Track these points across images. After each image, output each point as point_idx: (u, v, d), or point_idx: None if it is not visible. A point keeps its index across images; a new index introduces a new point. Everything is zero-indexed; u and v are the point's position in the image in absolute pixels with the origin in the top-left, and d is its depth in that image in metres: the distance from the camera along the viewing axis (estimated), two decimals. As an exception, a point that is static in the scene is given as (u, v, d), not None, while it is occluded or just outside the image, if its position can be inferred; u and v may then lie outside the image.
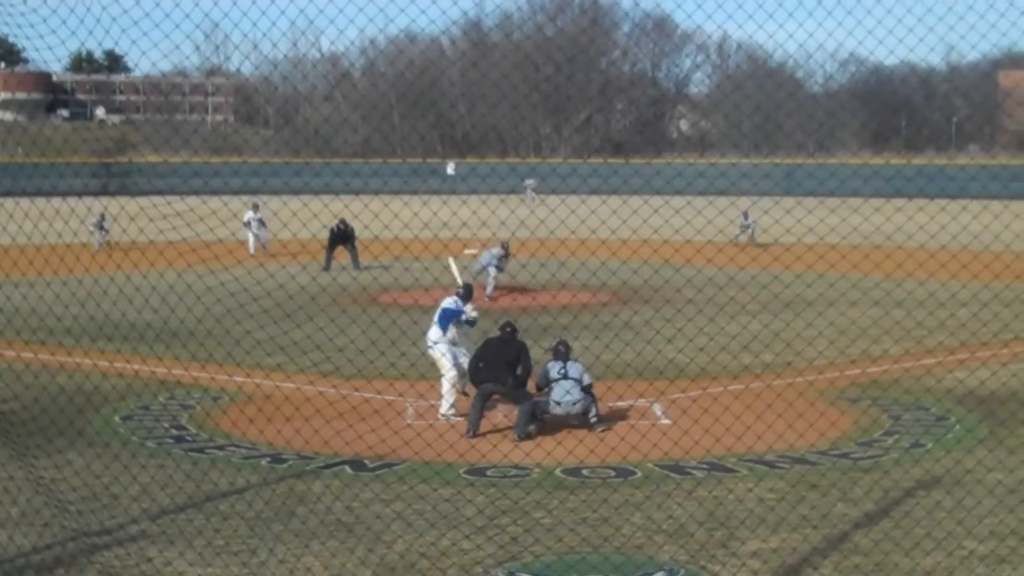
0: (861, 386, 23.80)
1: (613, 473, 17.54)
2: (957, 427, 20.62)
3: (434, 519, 15.14)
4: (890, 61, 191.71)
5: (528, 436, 19.61)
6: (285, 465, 17.88)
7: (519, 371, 20.03)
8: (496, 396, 20.38)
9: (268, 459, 18.19)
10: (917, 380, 24.18)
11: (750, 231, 53.53)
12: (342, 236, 44.19)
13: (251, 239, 46.73)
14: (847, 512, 15.64)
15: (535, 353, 20.99)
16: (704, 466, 17.96)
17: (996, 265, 25.41)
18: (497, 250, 36.62)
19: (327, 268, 42.60)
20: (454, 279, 24.10)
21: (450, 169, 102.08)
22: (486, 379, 20.03)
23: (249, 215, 47.26)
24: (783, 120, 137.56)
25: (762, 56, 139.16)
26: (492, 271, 36.47)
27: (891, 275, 33.61)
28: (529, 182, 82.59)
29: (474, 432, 19.75)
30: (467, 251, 43.65)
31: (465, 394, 21.23)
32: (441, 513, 15.42)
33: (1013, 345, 27.54)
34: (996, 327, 27.32)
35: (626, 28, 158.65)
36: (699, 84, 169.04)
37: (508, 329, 20.60)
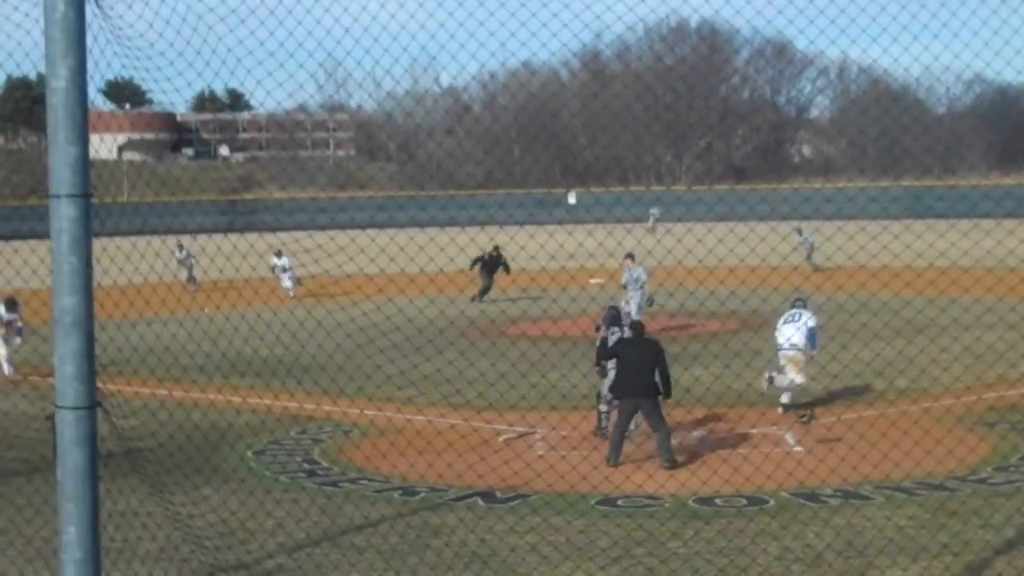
0: (999, 411, 23.36)
1: (745, 502, 17.35)
2: (1099, 449, 20.19)
3: (568, 551, 15.07)
4: (1016, 79, 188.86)
5: (676, 462, 19.41)
6: (418, 498, 17.91)
7: (658, 379, 19.56)
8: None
9: (400, 492, 18.22)
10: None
11: (807, 248, 49.51)
12: (493, 263, 43.65)
13: (287, 282, 43.68)
14: (988, 539, 15.32)
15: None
16: (839, 494, 17.71)
17: None
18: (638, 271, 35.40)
19: (481, 296, 41.31)
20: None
21: (572, 199, 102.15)
22: (628, 392, 19.66)
23: (275, 261, 43.23)
24: (908, 142, 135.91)
25: (884, 78, 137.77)
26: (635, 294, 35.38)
27: (1018, 295, 32.98)
28: (653, 211, 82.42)
29: (616, 461, 19.55)
30: (592, 280, 43.58)
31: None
32: (575, 545, 15.34)
33: None
34: None
35: (745, 54, 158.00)
36: (820, 108, 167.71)
37: (638, 328, 20.34)
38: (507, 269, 43.14)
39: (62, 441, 7.88)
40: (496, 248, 43.40)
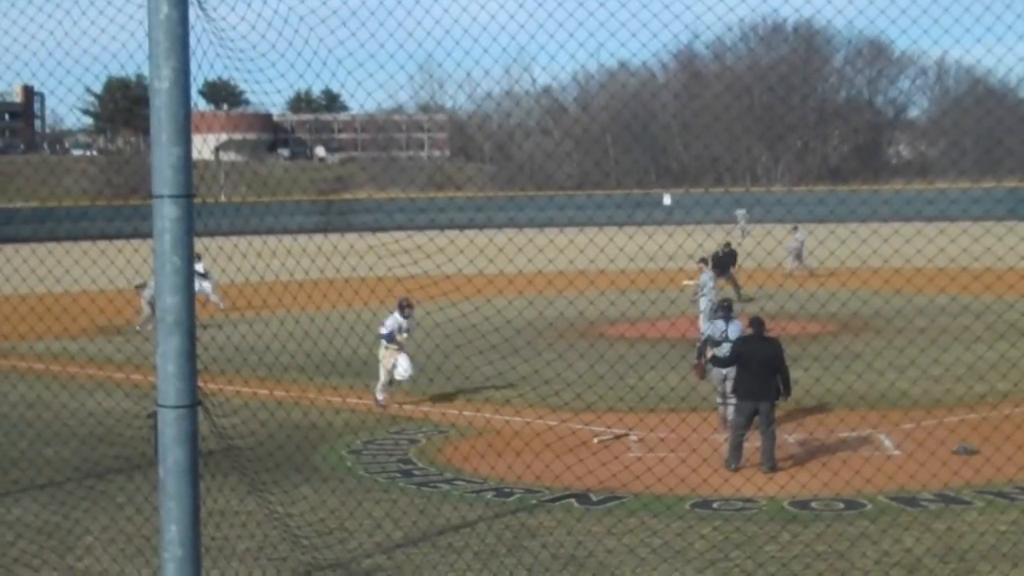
0: (1104, 415, 22.99)
1: (842, 506, 17.19)
2: None
3: (665, 553, 15.00)
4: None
5: (776, 467, 19.25)
6: (513, 499, 17.90)
7: (779, 381, 19.37)
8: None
9: (495, 493, 18.23)
10: None
11: (795, 249, 45.21)
12: (728, 260, 41.70)
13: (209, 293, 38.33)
14: (1095, 545, 15.09)
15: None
16: (938, 499, 17.50)
17: None
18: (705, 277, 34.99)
19: (739, 296, 40.19)
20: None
21: (667, 199, 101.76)
22: (749, 393, 19.43)
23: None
24: (1011, 143, 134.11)
25: (986, 78, 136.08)
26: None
27: None
28: (740, 212, 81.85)
29: (737, 464, 19.40)
30: (687, 282, 43.40)
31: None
32: (671, 547, 15.27)
33: None
34: None
35: (843, 54, 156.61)
36: (920, 108, 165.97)
37: (759, 326, 20.08)
38: (734, 262, 42.11)
39: (163, 439, 7.94)
40: (728, 245, 42.69)
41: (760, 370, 19.25)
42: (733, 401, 21.32)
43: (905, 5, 13.51)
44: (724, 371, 21.46)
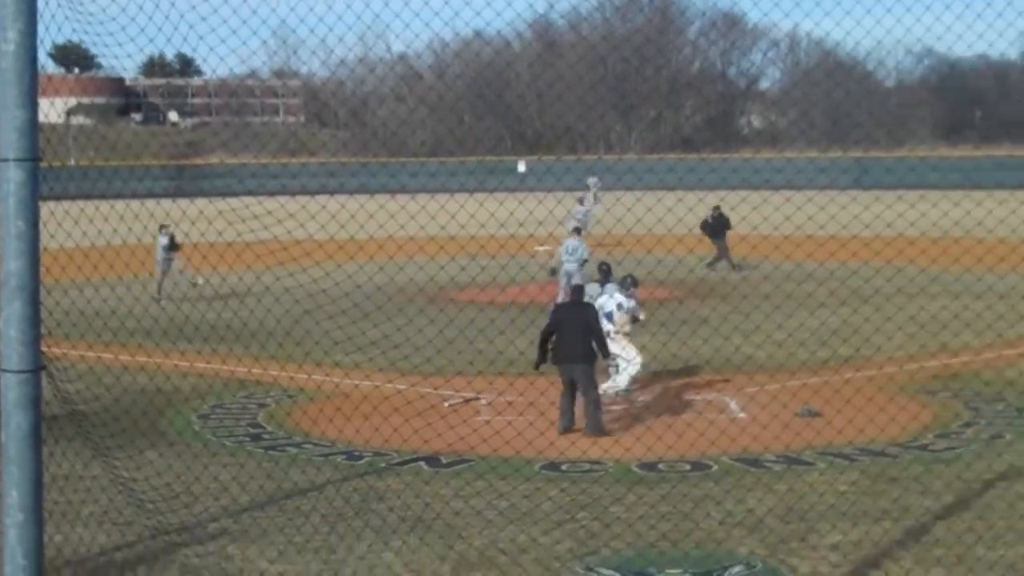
0: (941, 379, 23.63)
1: (689, 467, 17.53)
2: (1037, 416, 20.51)
3: (511, 515, 15.17)
4: (966, 53, 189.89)
5: (602, 431, 19.51)
6: (363, 462, 17.99)
7: (593, 343, 19.63)
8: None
9: (344, 456, 18.30)
10: (998, 373, 23.97)
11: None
12: (719, 225, 40.93)
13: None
14: (928, 505, 15.53)
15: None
16: (781, 460, 17.93)
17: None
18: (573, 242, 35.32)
19: (728, 263, 40.25)
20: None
21: (521, 167, 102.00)
22: (565, 358, 19.63)
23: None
24: (857, 115, 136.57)
25: (835, 51, 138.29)
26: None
27: (971, 268, 33.15)
28: (592, 179, 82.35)
29: (565, 427, 19.65)
30: (539, 248, 43.65)
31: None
32: (518, 509, 15.44)
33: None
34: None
35: (696, 23, 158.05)
36: (771, 80, 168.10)
37: (579, 293, 20.60)
38: (728, 226, 41.74)
39: (5, 404, 7.89)
40: (717, 208, 42.46)
41: (573, 336, 19.49)
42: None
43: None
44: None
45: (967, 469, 17.23)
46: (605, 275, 23.63)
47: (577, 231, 35.19)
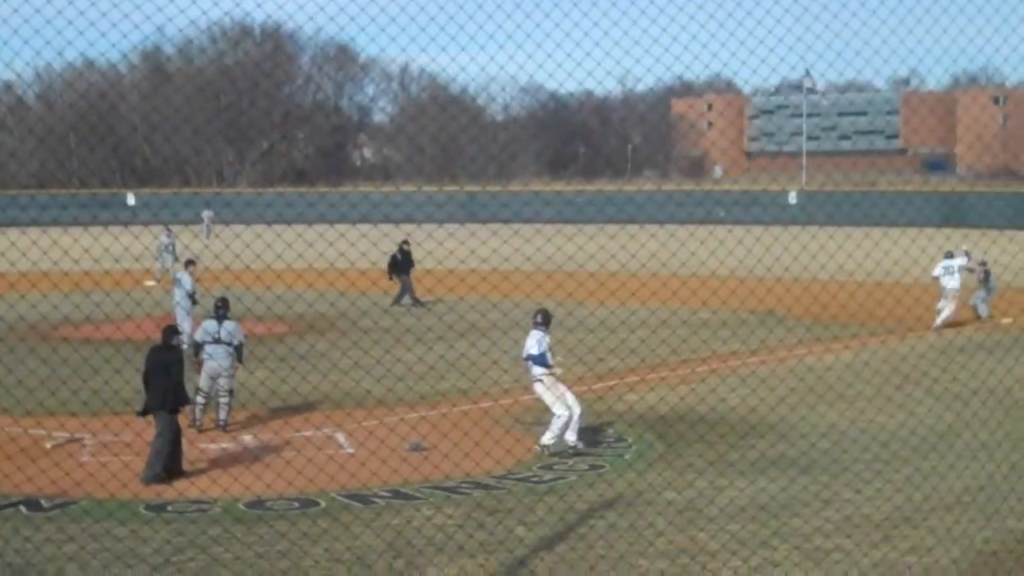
0: (541, 410, 24.27)
1: (297, 505, 17.55)
2: (633, 448, 21.38)
3: (109, 560, 14.83)
4: (568, 88, 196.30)
5: (155, 479, 18.75)
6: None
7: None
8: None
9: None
10: (595, 403, 24.74)
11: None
12: (406, 262, 40.62)
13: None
14: (525, 536, 16.03)
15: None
16: (391, 494, 18.15)
17: (666, 289, 26.26)
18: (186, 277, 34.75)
19: (412, 297, 40.04)
20: None
21: (131, 199, 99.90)
22: (153, 402, 19.10)
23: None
24: (465, 147, 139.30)
25: (444, 83, 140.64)
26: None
27: (583, 302, 34.07)
28: (207, 213, 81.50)
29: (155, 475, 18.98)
30: (148, 283, 43.01)
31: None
32: (116, 553, 15.11)
33: (682, 368, 28.67)
34: (666, 351, 28.30)
35: (308, 55, 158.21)
36: (382, 112, 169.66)
37: (167, 333, 19.86)
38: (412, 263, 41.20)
39: None
40: (406, 243, 41.55)
41: (157, 380, 19.12)
42: (202, 401, 21.72)
43: (374, 13, 13.93)
44: (213, 370, 22.24)
45: (564, 499, 17.81)
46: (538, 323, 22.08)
47: (189, 263, 34.43)
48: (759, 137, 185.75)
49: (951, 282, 35.98)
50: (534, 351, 21.30)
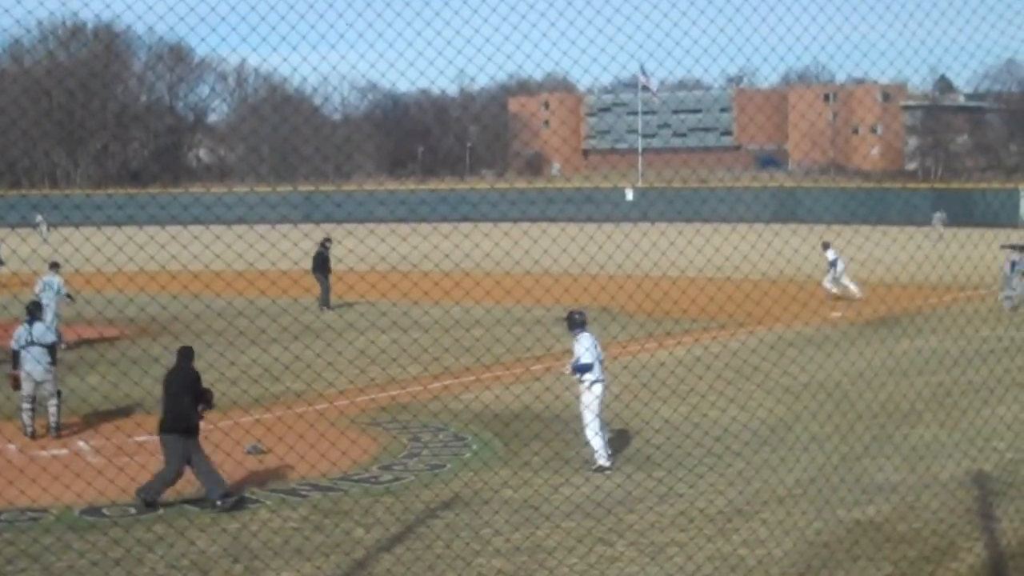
0: (390, 411, 24.28)
1: (132, 511, 17.33)
2: (475, 445, 21.46)
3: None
4: (406, 87, 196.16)
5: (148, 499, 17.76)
6: None
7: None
8: None
9: None
10: (444, 404, 24.82)
11: None
12: (321, 262, 40.20)
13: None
14: (363, 537, 16.05)
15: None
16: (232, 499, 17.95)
17: (500, 288, 26.34)
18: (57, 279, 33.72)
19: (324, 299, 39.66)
20: None
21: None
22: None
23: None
24: (302, 147, 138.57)
25: (281, 84, 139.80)
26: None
27: (418, 302, 33.97)
28: (40, 218, 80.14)
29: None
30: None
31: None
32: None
33: (517, 366, 28.82)
34: (501, 349, 28.41)
35: (142, 55, 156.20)
36: (218, 112, 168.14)
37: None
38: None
39: None
40: (328, 240, 40.71)
41: (166, 402, 18.51)
42: (28, 406, 21.42)
43: (204, 12, 13.77)
44: (37, 374, 22.12)
45: (405, 497, 17.89)
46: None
47: (55, 265, 33.66)
48: (595, 135, 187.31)
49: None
50: (588, 359, 20.03)
